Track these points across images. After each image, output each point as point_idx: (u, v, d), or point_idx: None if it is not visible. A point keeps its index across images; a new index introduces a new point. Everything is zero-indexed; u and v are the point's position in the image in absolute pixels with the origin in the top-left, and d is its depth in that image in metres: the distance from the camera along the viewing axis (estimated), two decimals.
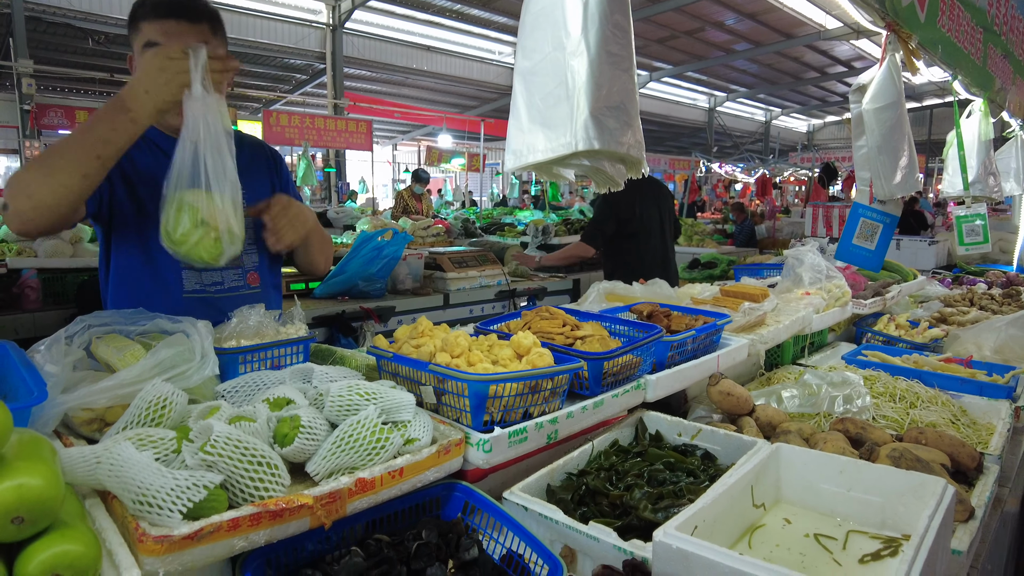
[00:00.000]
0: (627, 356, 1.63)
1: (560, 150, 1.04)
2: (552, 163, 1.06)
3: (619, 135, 1.04)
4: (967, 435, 1.95)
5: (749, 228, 8.53)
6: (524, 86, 1.09)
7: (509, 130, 1.13)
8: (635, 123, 1.07)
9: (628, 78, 1.06)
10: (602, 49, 1.00)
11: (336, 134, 9.93)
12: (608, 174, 1.10)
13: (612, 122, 1.02)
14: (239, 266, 1.90)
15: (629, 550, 1.14)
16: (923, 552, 1.01)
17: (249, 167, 1.82)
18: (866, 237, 2.15)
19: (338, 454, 1.12)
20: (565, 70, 1.01)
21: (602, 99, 1.01)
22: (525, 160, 1.08)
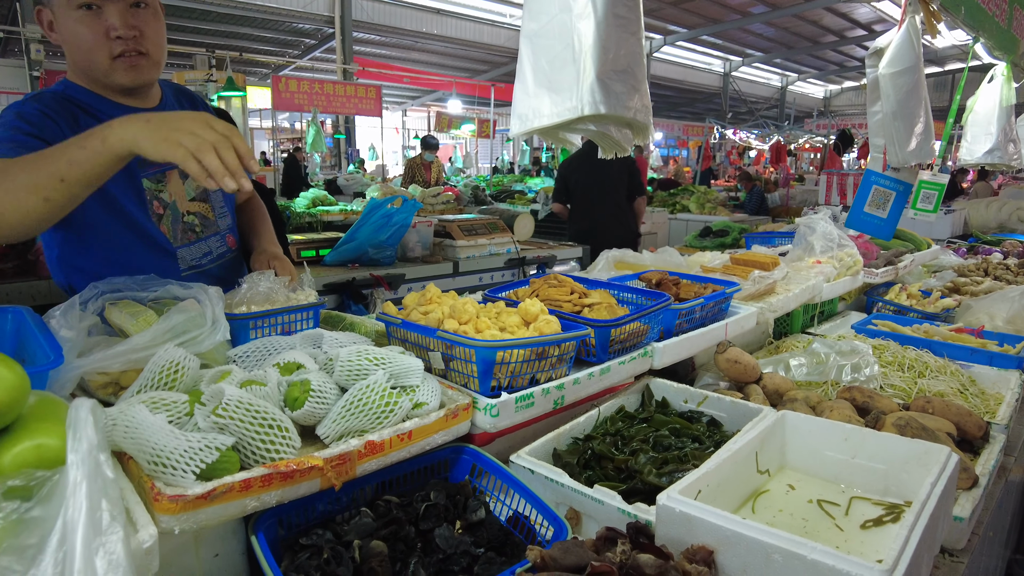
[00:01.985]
0: (634, 324, 1.63)
1: (566, 114, 1.03)
2: (558, 127, 1.05)
3: (626, 99, 1.02)
4: (975, 405, 1.95)
5: (759, 196, 8.44)
6: (530, 49, 1.07)
7: (515, 93, 1.11)
8: (642, 87, 1.06)
9: (635, 41, 1.04)
10: (609, 11, 0.98)
11: (345, 100, 9.84)
12: (614, 139, 1.09)
13: (619, 86, 1.01)
14: (217, 231, 1.91)
15: (633, 513, 1.16)
16: (923, 518, 1.02)
17: None
18: (878, 205, 2.12)
19: (348, 417, 1.14)
20: (572, 32, 0.99)
21: (609, 63, 0.99)
22: (530, 124, 1.07)
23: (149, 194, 1.75)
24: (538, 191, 6.06)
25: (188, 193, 1.82)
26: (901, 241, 3.52)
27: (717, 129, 18.05)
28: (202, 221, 1.85)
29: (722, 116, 22.14)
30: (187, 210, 1.82)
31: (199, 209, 1.85)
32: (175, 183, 1.79)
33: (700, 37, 19.53)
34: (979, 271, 3.63)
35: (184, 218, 1.81)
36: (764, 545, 0.97)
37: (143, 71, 1.64)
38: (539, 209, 5.72)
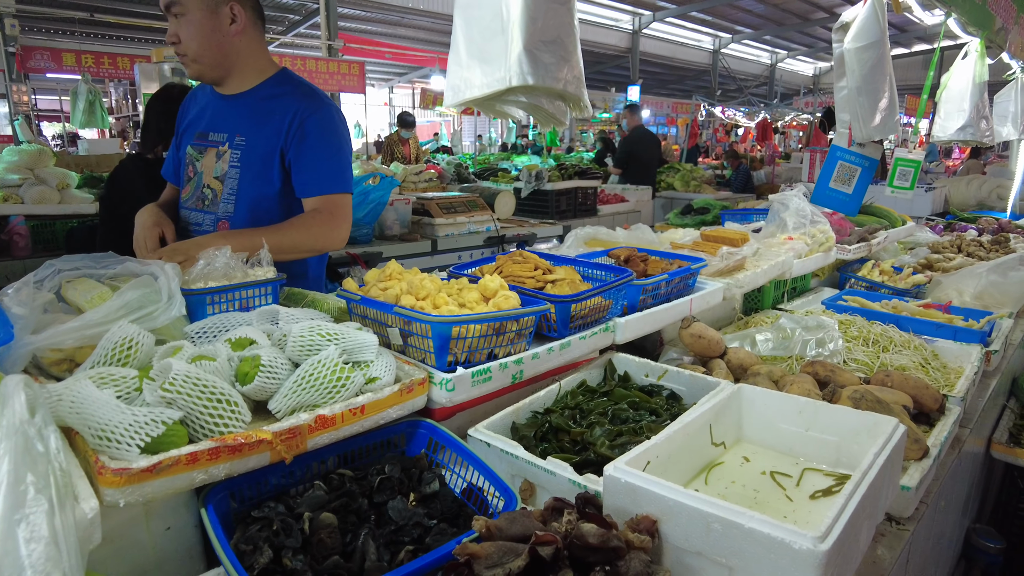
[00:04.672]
0: (596, 299, 1.64)
1: (495, 85, 1.02)
2: (489, 99, 1.04)
3: (555, 70, 1.01)
4: (936, 379, 1.98)
5: (745, 174, 8.44)
6: (463, 19, 1.06)
7: (449, 64, 1.11)
8: (573, 58, 1.04)
9: (565, 11, 1.02)
10: None
11: (328, 77, 9.69)
12: (548, 111, 1.08)
13: (547, 57, 1.00)
14: (214, 211, 2.03)
15: (583, 484, 1.18)
16: (862, 488, 1.04)
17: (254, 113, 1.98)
18: (843, 181, 2.13)
19: (299, 392, 1.15)
20: (500, 2, 0.98)
21: (537, 33, 0.98)
22: (462, 96, 1.07)
23: (189, 158, 2.10)
24: (522, 169, 6.03)
25: (216, 170, 2.04)
26: (876, 218, 3.54)
27: (704, 107, 17.95)
28: (212, 197, 2.03)
29: (711, 94, 22.03)
30: (207, 184, 2.05)
31: (215, 186, 2.03)
32: (209, 158, 2.05)
33: (690, 13, 19.36)
34: (953, 248, 3.66)
35: (203, 188, 2.06)
36: (704, 515, 0.99)
37: (191, 68, 1.97)
38: (522, 187, 5.70)
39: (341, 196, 1.94)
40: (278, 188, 1.96)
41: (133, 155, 2.89)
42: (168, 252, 1.57)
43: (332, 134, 1.94)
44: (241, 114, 2.00)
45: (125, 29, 14.33)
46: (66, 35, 15.51)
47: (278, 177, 1.95)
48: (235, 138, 1.99)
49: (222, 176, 2.01)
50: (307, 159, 1.92)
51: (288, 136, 1.91)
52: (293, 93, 1.96)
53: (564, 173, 5.97)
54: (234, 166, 1.98)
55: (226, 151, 2.00)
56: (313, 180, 1.92)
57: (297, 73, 2.15)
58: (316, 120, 1.92)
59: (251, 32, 1.97)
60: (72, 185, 4.36)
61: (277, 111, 1.93)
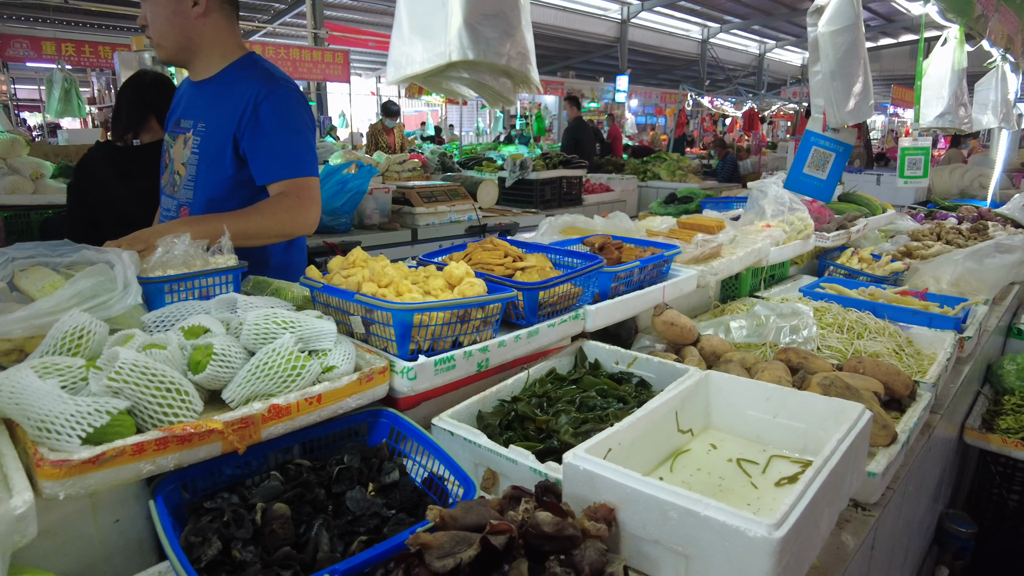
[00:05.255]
0: (565, 286, 1.62)
1: (436, 60, 0.98)
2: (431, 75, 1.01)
3: (497, 45, 0.98)
4: (909, 365, 1.98)
5: (731, 163, 8.44)
6: None
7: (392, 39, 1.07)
8: (517, 33, 1.01)
9: None
10: None
11: (312, 66, 9.57)
12: (494, 89, 1.05)
13: (489, 31, 0.96)
14: (177, 198, 2.03)
15: (544, 472, 1.16)
16: (822, 475, 1.03)
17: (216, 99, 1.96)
18: (818, 166, 2.11)
19: (253, 381, 1.12)
20: None
21: (478, 6, 0.94)
22: (404, 72, 1.03)
23: (166, 146, 2.13)
24: (507, 158, 5.99)
25: (183, 156, 2.04)
26: (856, 205, 3.54)
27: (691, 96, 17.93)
28: (179, 183, 2.04)
29: (700, 83, 21.99)
30: (176, 170, 2.07)
31: (182, 172, 2.04)
32: (179, 145, 2.05)
33: (678, 3, 19.29)
34: (932, 235, 3.67)
35: (174, 175, 2.07)
36: (661, 502, 0.97)
37: (159, 52, 1.99)
38: (506, 176, 5.66)
39: (306, 179, 1.90)
40: (230, 175, 1.93)
41: (103, 143, 2.84)
42: (127, 240, 1.53)
43: (289, 117, 1.89)
44: (206, 100, 1.97)
45: (106, 17, 14.12)
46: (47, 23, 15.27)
47: (231, 164, 1.92)
48: (198, 124, 1.97)
49: (186, 163, 2.00)
50: (263, 144, 1.87)
51: (241, 122, 1.88)
52: (251, 77, 1.92)
53: (549, 162, 5.94)
54: (194, 152, 1.97)
55: (190, 137, 1.98)
56: (273, 165, 1.88)
57: (281, 63, 2.12)
58: (271, 103, 1.87)
59: (216, 16, 1.93)
60: (46, 175, 4.29)
61: (234, 96, 1.90)
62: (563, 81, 19.00)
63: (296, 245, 2.22)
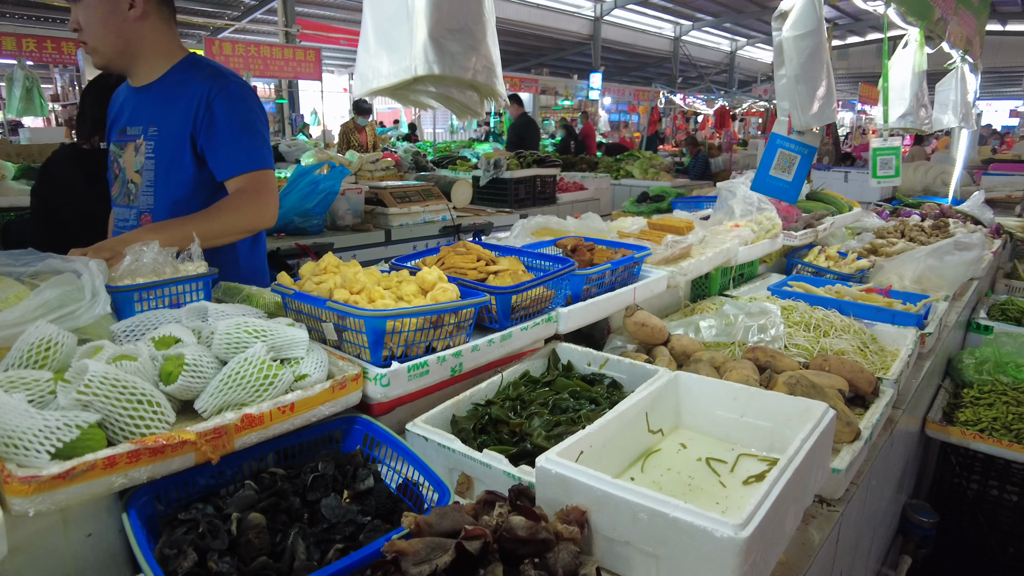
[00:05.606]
0: (538, 289, 1.64)
1: (402, 75, 1.00)
2: (397, 88, 1.02)
3: (463, 59, 0.99)
4: (873, 362, 2.04)
5: (703, 161, 8.54)
6: (371, 5, 1.03)
7: (358, 51, 1.08)
8: (482, 47, 1.02)
9: (474, 4, 1.00)
10: None
11: (283, 63, 9.48)
12: (460, 102, 1.07)
13: (454, 45, 0.98)
14: (136, 205, 2.01)
15: (518, 476, 1.18)
16: (786, 475, 1.06)
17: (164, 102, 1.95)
18: (783, 168, 2.16)
19: (225, 391, 1.12)
20: None
21: (443, 20, 0.96)
22: (370, 85, 1.04)
23: (112, 156, 2.08)
24: (481, 157, 5.99)
25: (135, 164, 2.00)
26: (824, 204, 3.61)
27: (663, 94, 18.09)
28: (134, 191, 2.01)
29: (672, 81, 22.19)
30: (130, 179, 2.03)
31: (137, 180, 2.00)
32: (129, 153, 2.02)
33: (651, 0, 19.44)
34: (896, 233, 3.77)
35: (127, 184, 2.04)
36: (631, 505, 1.00)
37: (95, 58, 1.92)
38: (481, 175, 5.67)
39: (263, 172, 1.92)
40: (192, 174, 1.93)
41: (68, 145, 2.79)
42: (94, 249, 1.51)
43: (242, 112, 1.91)
44: (152, 104, 1.96)
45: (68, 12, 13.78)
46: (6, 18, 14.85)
47: (191, 163, 1.92)
48: (148, 129, 1.96)
49: (141, 169, 1.98)
50: (220, 140, 1.89)
51: (196, 121, 1.89)
52: (198, 76, 1.92)
53: (523, 161, 5.95)
54: (150, 157, 1.95)
55: (142, 143, 1.97)
56: (230, 160, 1.90)
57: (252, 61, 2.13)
58: (223, 100, 1.89)
59: (154, 18, 1.92)
60: (8, 176, 4.19)
61: (184, 96, 1.90)
62: (537, 79, 19.04)
63: (259, 245, 2.23)
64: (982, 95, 33.17)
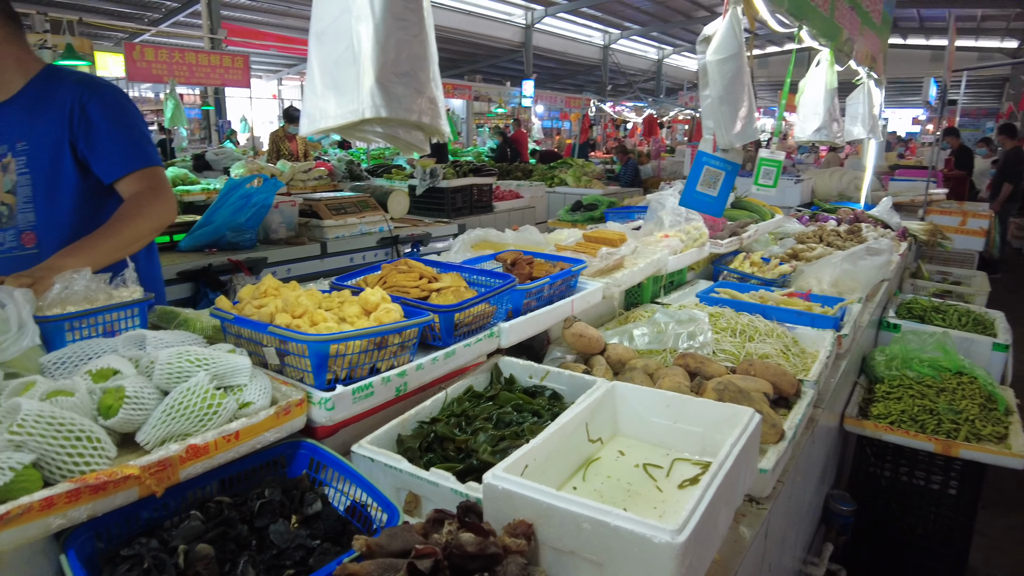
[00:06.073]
0: (480, 306, 1.68)
1: (349, 116, 1.03)
2: (345, 129, 1.06)
3: (408, 102, 1.04)
4: (795, 364, 2.17)
5: (633, 168, 8.80)
6: (317, 48, 1.06)
7: (304, 92, 1.11)
8: (427, 89, 1.07)
9: (418, 44, 1.05)
10: (388, 14, 0.99)
11: (210, 70, 9.18)
12: (405, 140, 1.11)
13: (401, 89, 1.02)
14: (13, 226, 1.94)
15: (465, 492, 1.21)
16: (717, 480, 1.14)
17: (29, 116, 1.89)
18: (709, 184, 2.29)
19: (168, 422, 1.11)
20: (351, 34, 1.00)
21: (389, 66, 1.00)
22: (318, 125, 1.07)
23: None
24: (417, 166, 5.98)
25: (5, 184, 1.92)
26: (748, 212, 3.80)
27: (594, 102, 18.49)
28: (8, 213, 1.92)
29: (602, 88, 22.69)
30: (2, 200, 1.93)
31: (9, 201, 1.92)
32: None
33: (580, 9, 19.84)
34: (815, 238, 3.99)
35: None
36: (575, 515, 1.04)
37: None
38: (417, 184, 5.66)
39: (154, 169, 1.91)
40: (76, 182, 1.89)
41: None
42: (12, 278, 1.46)
43: (120, 112, 1.91)
44: (18, 118, 1.90)
45: None
46: None
47: (74, 172, 1.88)
48: (16, 145, 1.90)
49: (13, 188, 1.91)
50: (103, 142, 1.87)
51: (73, 127, 1.85)
52: (64, 84, 1.90)
53: (459, 170, 5.99)
54: (23, 173, 1.89)
55: (10, 161, 1.90)
56: (117, 160, 1.88)
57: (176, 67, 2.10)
58: (98, 102, 1.88)
59: (2, 33, 1.87)
60: None
61: (54, 106, 1.87)
62: (470, 85, 19.11)
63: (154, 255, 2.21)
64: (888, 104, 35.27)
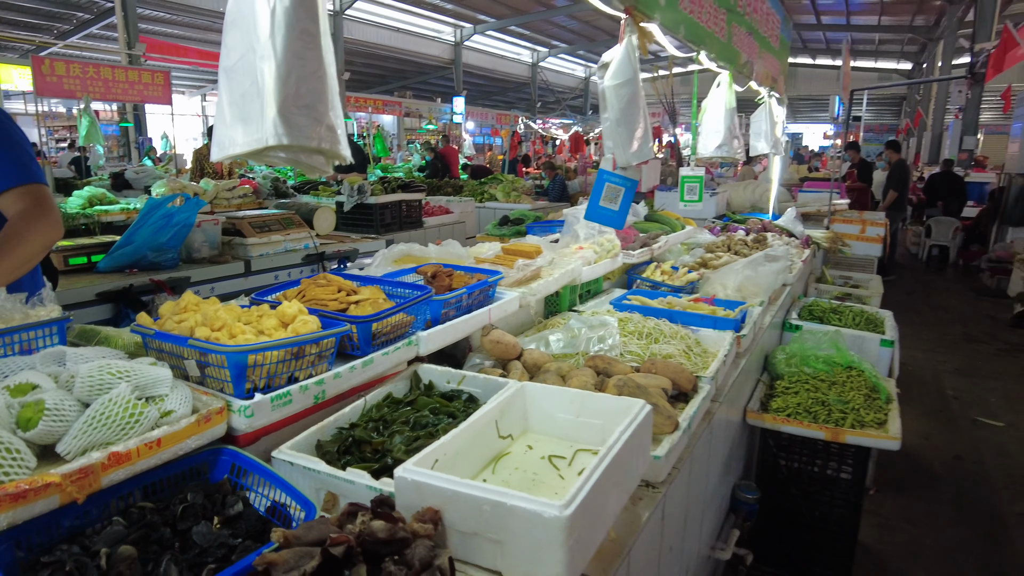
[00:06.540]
0: (398, 316, 1.78)
1: (254, 144, 1.14)
2: (252, 155, 1.16)
3: (308, 131, 1.16)
4: (696, 363, 2.35)
5: (560, 184, 9.07)
6: (226, 83, 1.17)
7: (215, 122, 1.21)
8: (326, 119, 1.19)
9: (317, 79, 1.17)
10: (288, 52, 1.12)
11: (128, 86, 8.90)
12: (307, 163, 1.22)
13: (301, 119, 1.14)
14: None
15: (379, 488, 1.31)
16: (604, 463, 1.27)
17: None
18: (611, 199, 2.47)
19: (89, 432, 1.16)
20: (256, 71, 1.12)
21: (290, 99, 1.13)
22: (227, 152, 1.18)
23: None
24: (344, 182, 6.01)
25: None
26: (659, 224, 4.04)
27: (522, 119, 18.88)
28: None
29: (532, 106, 23.14)
30: None
31: None
32: None
33: (509, 27, 20.25)
34: (724, 247, 4.27)
35: None
36: (477, 499, 1.16)
37: None
38: (344, 201, 5.69)
39: (38, 186, 1.89)
40: None
41: None
42: None
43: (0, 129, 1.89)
44: None
45: None
46: None
47: None
48: None
49: None
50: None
51: None
52: None
53: (388, 186, 6.05)
54: None
55: None
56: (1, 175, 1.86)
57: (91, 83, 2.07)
58: None
59: None
60: None
61: None
62: (400, 101, 19.17)
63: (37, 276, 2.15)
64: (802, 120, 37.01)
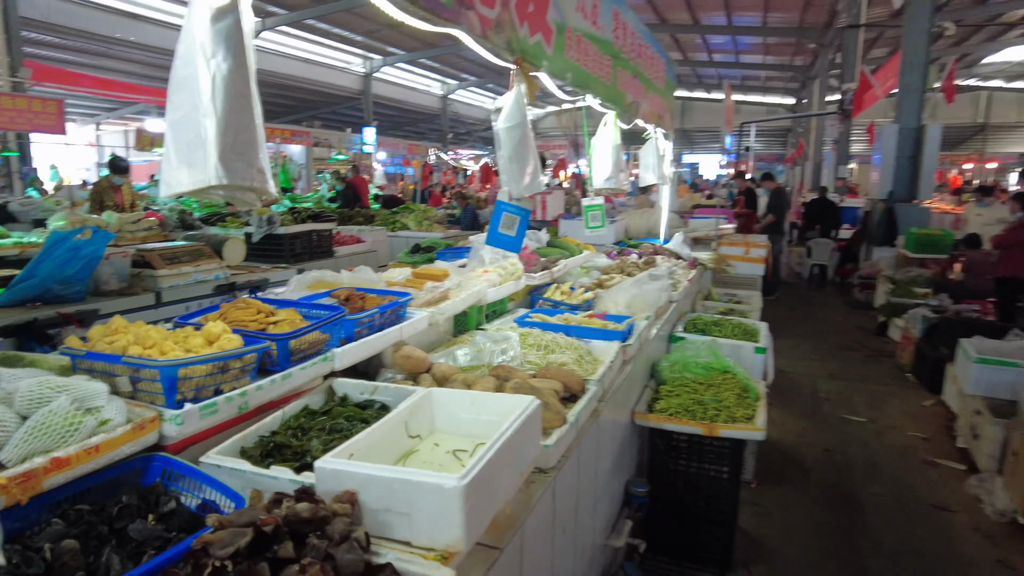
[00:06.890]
0: (314, 334, 1.96)
1: (199, 184, 1.36)
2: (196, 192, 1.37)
3: (243, 172, 1.39)
4: (587, 369, 2.65)
5: (471, 213, 9.39)
6: (173, 133, 1.38)
7: (162, 165, 1.43)
8: (257, 163, 1.43)
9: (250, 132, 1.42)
10: (227, 111, 1.36)
11: (15, 114, 8.51)
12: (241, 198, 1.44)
13: (238, 164, 1.37)
14: None
15: (301, 480, 1.49)
16: (497, 444, 1.51)
17: None
18: (508, 227, 2.75)
19: (30, 441, 1.29)
20: (200, 126, 1.34)
21: (228, 148, 1.37)
22: (174, 190, 1.38)
23: None
24: (252, 213, 6.04)
25: None
26: (559, 249, 4.38)
27: (433, 151, 19.22)
28: None
29: (443, 137, 23.53)
30: None
31: None
32: None
33: (418, 60, 20.62)
34: (618, 269, 4.66)
35: None
36: (387, 480, 1.37)
37: None
38: (253, 231, 5.72)
39: None
40: None
41: None
42: None
43: None
44: None
45: None
46: None
47: None
48: None
49: None
50: None
51: None
52: None
53: (297, 216, 6.12)
54: None
55: None
56: None
57: None
58: None
59: None
60: None
61: None
62: (309, 131, 19.05)
63: None
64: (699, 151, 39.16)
